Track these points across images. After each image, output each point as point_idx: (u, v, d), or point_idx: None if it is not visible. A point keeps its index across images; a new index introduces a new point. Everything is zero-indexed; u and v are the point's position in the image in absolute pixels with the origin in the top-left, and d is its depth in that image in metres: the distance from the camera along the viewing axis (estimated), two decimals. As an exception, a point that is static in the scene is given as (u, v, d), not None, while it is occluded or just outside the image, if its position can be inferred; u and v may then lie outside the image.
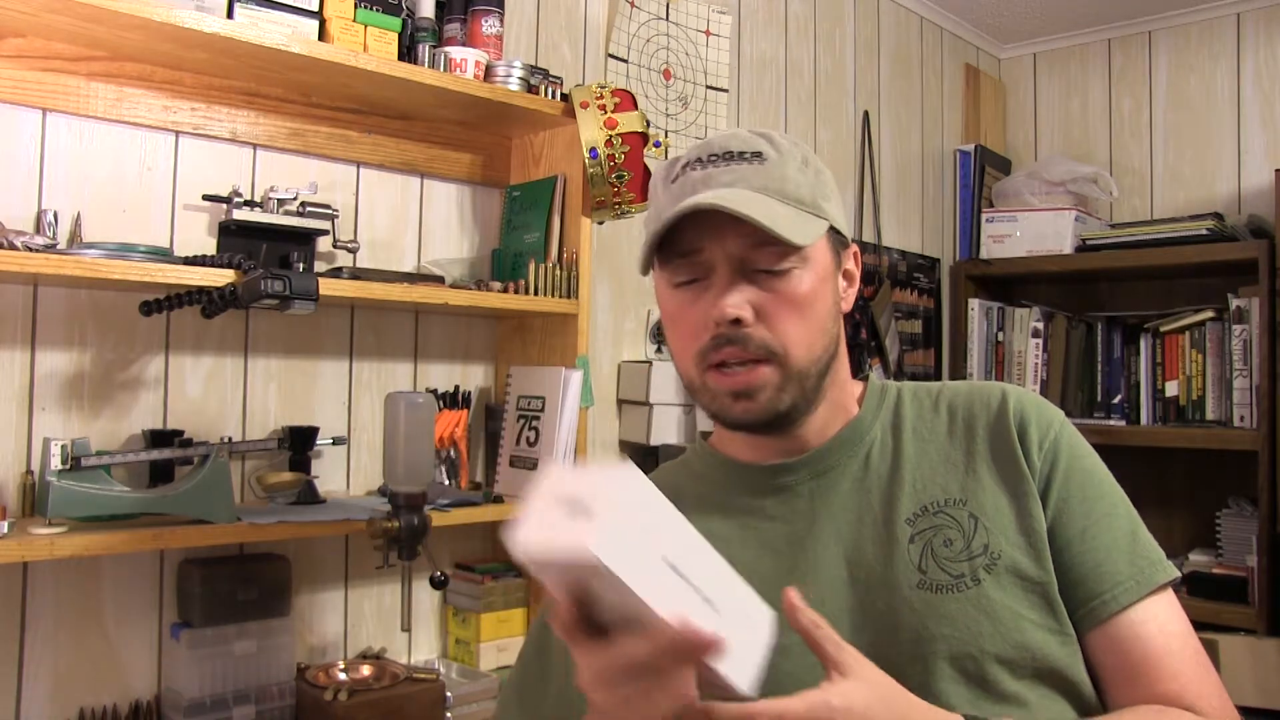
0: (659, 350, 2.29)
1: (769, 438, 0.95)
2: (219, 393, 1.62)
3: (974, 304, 3.09)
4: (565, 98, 1.84)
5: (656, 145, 2.28)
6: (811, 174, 0.92)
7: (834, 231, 0.93)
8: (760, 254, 0.87)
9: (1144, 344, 2.88)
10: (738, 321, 0.86)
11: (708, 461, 1.02)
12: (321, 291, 1.46)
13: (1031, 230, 3.01)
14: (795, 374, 0.88)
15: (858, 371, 1.12)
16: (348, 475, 1.78)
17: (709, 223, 0.87)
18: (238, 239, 1.56)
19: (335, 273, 1.60)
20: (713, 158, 0.90)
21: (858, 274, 0.98)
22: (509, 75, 1.77)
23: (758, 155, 0.90)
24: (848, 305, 0.96)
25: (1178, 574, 0.90)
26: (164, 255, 1.41)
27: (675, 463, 1.08)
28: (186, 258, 1.43)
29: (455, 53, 1.71)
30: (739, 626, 0.69)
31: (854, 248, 0.98)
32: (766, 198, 0.87)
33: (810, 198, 0.90)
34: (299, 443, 1.65)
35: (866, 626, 0.86)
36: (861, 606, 0.87)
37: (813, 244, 0.89)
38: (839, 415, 0.97)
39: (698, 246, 0.88)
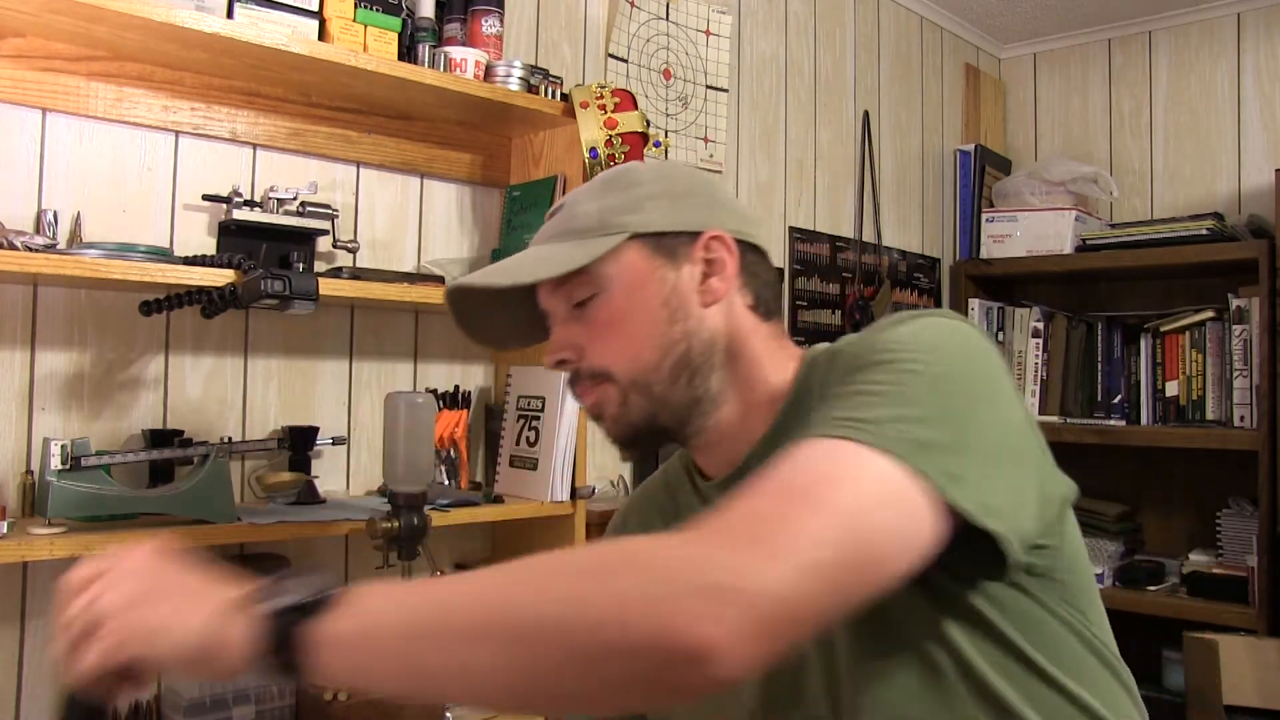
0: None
1: (691, 448, 0.94)
2: (219, 393, 1.62)
3: (974, 304, 3.09)
4: (565, 98, 1.84)
5: (656, 145, 2.28)
6: (616, 192, 0.91)
7: (655, 236, 0.89)
8: (560, 296, 0.91)
9: (1144, 344, 2.88)
10: (565, 362, 0.91)
11: (680, 473, 1.03)
12: (321, 291, 1.45)
13: (1031, 230, 3.01)
14: (630, 384, 0.88)
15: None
16: (348, 475, 1.78)
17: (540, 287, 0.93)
18: (238, 239, 1.56)
19: (335, 273, 1.60)
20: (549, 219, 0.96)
21: (725, 257, 0.90)
22: (509, 75, 1.77)
23: (561, 208, 0.94)
24: (712, 297, 0.89)
25: (873, 439, 0.69)
26: (164, 255, 1.41)
27: (659, 470, 1.09)
28: (186, 258, 1.43)
29: (455, 53, 1.71)
30: None
31: (709, 233, 0.90)
32: (539, 247, 0.92)
33: (597, 222, 0.89)
34: (299, 443, 1.65)
35: None
36: None
37: (609, 260, 0.88)
38: (762, 411, 0.90)
39: (545, 310, 0.94)
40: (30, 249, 1.27)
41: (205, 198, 1.57)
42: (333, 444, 1.72)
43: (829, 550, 0.63)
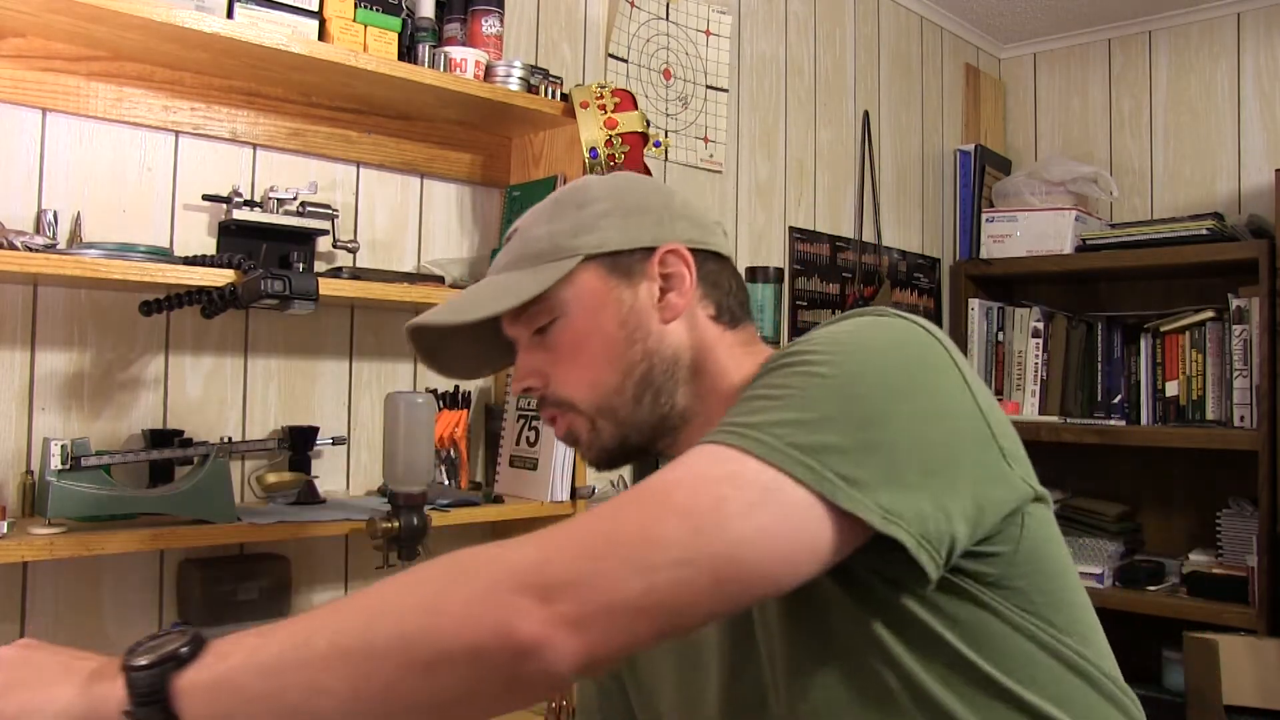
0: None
1: (666, 459, 0.93)
2: (219, 393, 1.62)
3: (974, 304, 3.09)
4: (565, 98, 1.84)
5: (656, 145, 2.28)
6: (568, 213, 0.90)
7: (606, 256, 0.88)
8: (521, 324, 0.90)
9: (1144, 344, 2.88)
10: (530, 389, 0.90)
11: None
12: (321, 291, 1.46)
13: (1031, 230, 3.01)
14: (594, 411, 0.88)
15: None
16: (348, 475, 1.78)
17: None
18: (238, 239, 1.56)
19: (335, 273, 1.60)
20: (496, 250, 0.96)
21: (682, 271, 0.89)
22: (509, 75, 1.77)
23: (514, 234, 0.93)
24: (672, 313, 0.88)
25: (749, 444, 0.68)
26: (164, 255, 1.41)
27: None
28: (186, 258, 1.43)
29: (455, 53, 1.71)
30: None
31: (665, 247, 0.89)
32: (495, 277, 0.92)
33: (549, 247, 0.88)
34: (299, 443, 1.65)
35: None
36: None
37: (565, 284, 0.87)
38: None
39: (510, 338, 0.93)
40: (30, 249, 1.27)
41: (205, 198, 1.57)
42: (333, 444, 1.72)
43: (675, 551, 0.63)
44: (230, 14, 1.46)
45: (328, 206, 1.65)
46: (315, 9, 1.56)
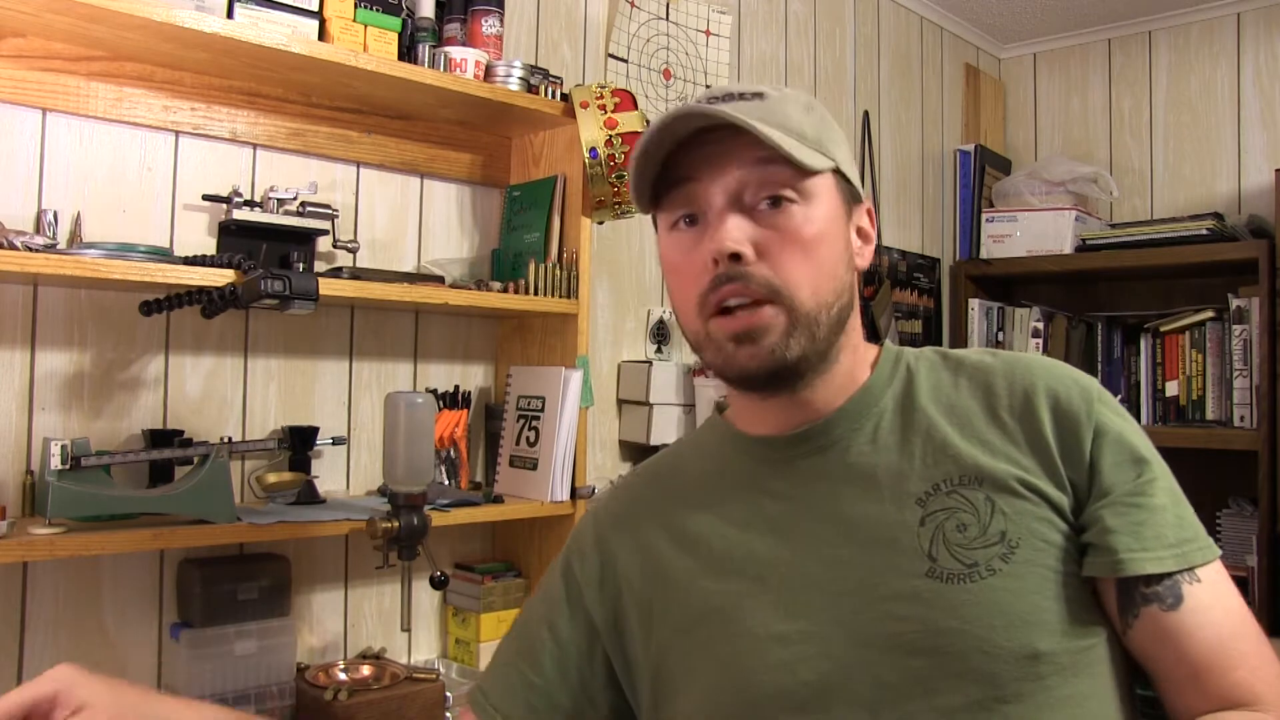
0: (659, 350, 2.29)
1: (776, 400, 0.89)
2: (219, 393, 1.62)
3: (974, 304, 3.09)
4: (565, 98, 1.84)
5: (656, 145, 2.28)
6: (816, 118, 0.89)
7: (843, 179, 0.89)
8: (760, 186, 0.84)
9: (1144, 344, 2.88)
10: (737, 257, 0.82)
11: (719, 434, 0.98)
12: (321, 291, 1.46)
13: (1031, 230, 3.01)
14: (802, 319, 0.83)
15: (877, 338, 1.07)
16: (348, 475, 1.78)
17: (706, 155, 0.85)
18: (238, 239, 1.56)
19: (335, 273, 1.60)
20: (711, 99, 0.87)
21: (873, 234, 0.92)
22: (509, 75, 1.77)
23: (758, 95, 0.87)
24: (863, 262, 0.91)
25: (1219, 551, 0.83)
26: (164, 255, 1.41)
27: (688, 438, 1.05)
28: (186, 258, 1.43)
29: (455, 53, 1.71)
30: None
31: (868, 205, 0.93)
32: (768, 126, 0.83)
33: (815, 136, 0.87)
34: (299, 443, 1.65)
35: (865, 611, 0.82)
36: (861, 590, 0.82)
37: (817, 179, 0.85)
38: (849, 383, 0.90)
39: (692, 175, 0.85)
40: (30, 249, 1.27)
41: (205, 198, 1.57)
42: (333, 444, 1.72)
43: None
44: (230, 14, 1.46)
45: (328, 206, 1.65)
46: (315, 9, 1.56)
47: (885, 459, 0.87)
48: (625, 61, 2.24)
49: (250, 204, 1.58)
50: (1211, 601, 0.80)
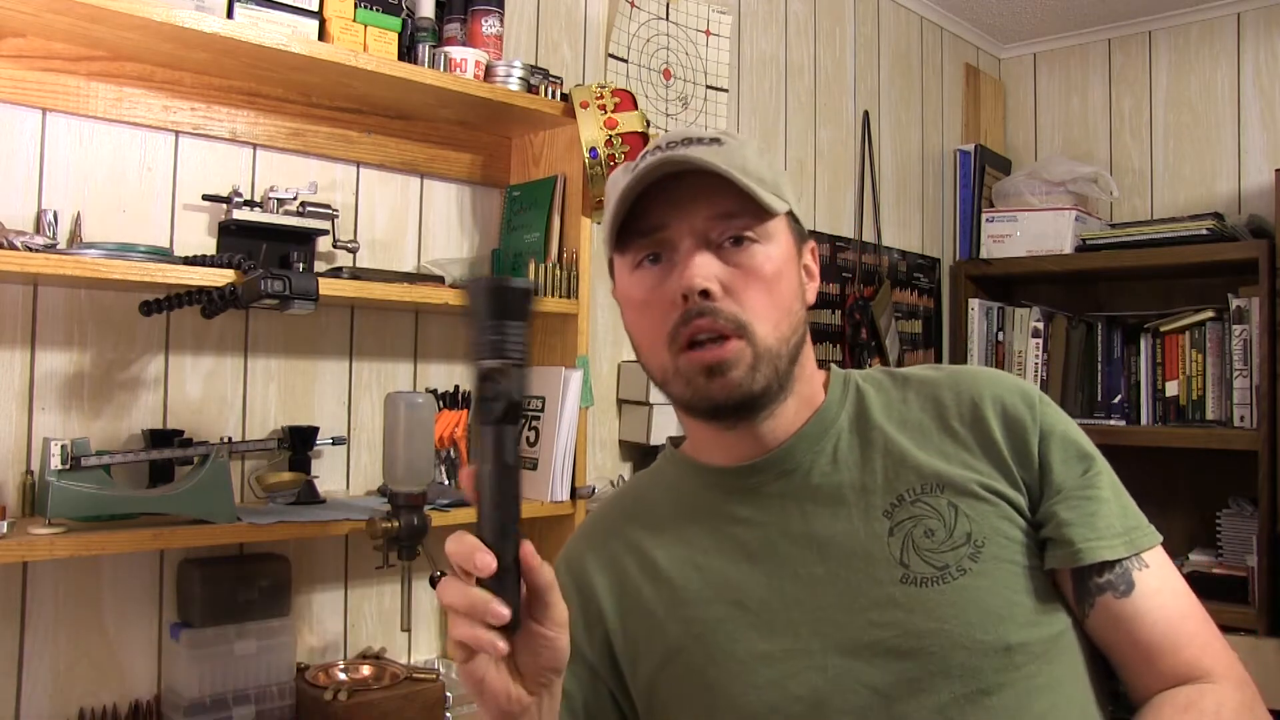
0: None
1: (737, 431, 0.92)
2: (219, 393, 1.62)
3: (974, 304, 3.09)
4: (565, 98, 1.84)
5: (656, 145, 2.28)
6: (768, 162, 0.93)
7: (793, 219, 0.94)
8: (723, 228, 0.88)
9: (1144, 344, 2.88)
10: (706, 293, 0.86)
11: (680, 469, 1.01)
12: (321, 291, 1.46)
13: (1031, 230, 3.01)
14: (765, 353, 0.87)
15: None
16: (348, 475, 1.78)
17: (671, 200, 0.88)
18: (238, 239, 1.56)
19: (335, 273, 1.60)
20: (671, 144, 0.90)
21: (816, 270, 0.98)
22: (509, 75, 1.77)
23: (715, 140, 0.91)
24: (810, 298, 0.96)
25: (1160, 537, 0.91)
26: (164, 255, 1.41)
27: (646, 473, 1.07)
28: (186, 258, 1.43)
29: (455, 53, 1.71)
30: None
31: (812, 244, 0.98)
32: (730, 169, 0.87)
33: (772, 180, 0.91)
34: (299, 443, 1.65)
35: (848, 623, 0.86)
36: (841, 604, 0.87)
37: (774, 220, 0.90)
38: (805, 409, 0.95)
39: (662, 223, 0.89)
40: (30, 249, 1.27)
41: (205, 198, 1.57)
42: (333, 444, 1.72)
43: None
44: (230, 14, 1.46)
45: (328, 206, 1.65)
46: (315, 9, 1.56)
47: (849, 476, 0.91)
48: (625, 61, 2.24)
49: (250, 204, 1.58)
50: (1159, 585, 0.87)
